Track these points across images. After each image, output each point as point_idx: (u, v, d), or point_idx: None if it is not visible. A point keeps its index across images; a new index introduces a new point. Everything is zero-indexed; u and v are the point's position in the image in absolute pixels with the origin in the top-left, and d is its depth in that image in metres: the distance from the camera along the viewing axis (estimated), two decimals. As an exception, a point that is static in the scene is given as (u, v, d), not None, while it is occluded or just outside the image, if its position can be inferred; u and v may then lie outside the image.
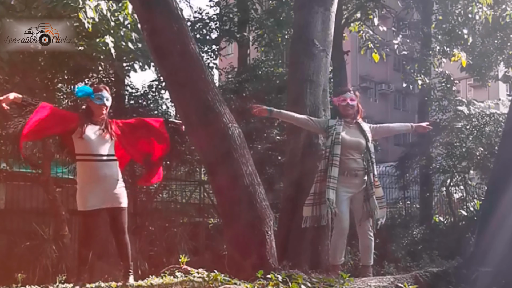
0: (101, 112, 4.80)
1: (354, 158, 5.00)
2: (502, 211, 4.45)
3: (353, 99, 5.13)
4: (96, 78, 9.60)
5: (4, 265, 8.23)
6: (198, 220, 11.64)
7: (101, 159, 4.73)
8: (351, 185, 5.00)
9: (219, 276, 3.77)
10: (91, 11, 6.54)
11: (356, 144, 5.02)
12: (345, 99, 5.12)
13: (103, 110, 4.80)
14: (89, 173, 4.74)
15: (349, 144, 4.98)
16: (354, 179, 5.00)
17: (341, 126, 5.04)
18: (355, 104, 5.14)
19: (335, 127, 5.02)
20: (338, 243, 5.02)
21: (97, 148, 4.73)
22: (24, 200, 9.61)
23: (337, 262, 5.01)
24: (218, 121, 4.70)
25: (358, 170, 5.00)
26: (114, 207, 4.77)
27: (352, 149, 5.00)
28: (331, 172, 4.90)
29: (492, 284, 4.11)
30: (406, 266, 8.94)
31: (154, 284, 4.37)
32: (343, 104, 5.12)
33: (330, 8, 5.92)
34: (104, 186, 4.71)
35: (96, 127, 4.78)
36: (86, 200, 4.68)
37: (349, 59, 16.14)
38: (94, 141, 4.72)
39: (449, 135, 13.25)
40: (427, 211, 13.88)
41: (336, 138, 4.95)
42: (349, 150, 4.99)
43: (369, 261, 5.09)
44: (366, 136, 5.05)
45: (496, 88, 25.49)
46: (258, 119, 10.90)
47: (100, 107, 4.80)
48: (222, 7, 13.34)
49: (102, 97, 4.79)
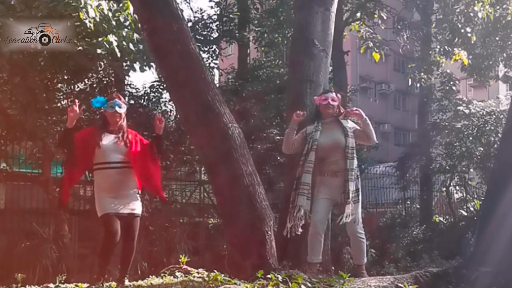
0: (115, 120, 4.84)
1: (334, 159, 4.91)
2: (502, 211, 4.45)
3: (335, 99, 5.07)
4: (96, 78, 9.60)
5: (4, 265, 8.22)
6: (198, 220, 11.64)
7: (115, 166, 4.76)
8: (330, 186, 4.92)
9: (219, 276, 3.77)
10: (92, 10, 6.54)
11: (334, 145, 4.93)
12: (326, 99, 5.06)
13: (117, 118, 4.85)
14: (103, 180, 4.78)
15: (327, 147, 4.92)
16: (334, 180, 4.91)
17: (318, 132, 4.98)
18: (335, 105, 5.08)
19: (312, 134, 4.97)
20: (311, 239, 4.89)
21: (111, 155, 4.77)
22: (24, 200, 9.60)
23: (313, 260, 4.88)
24: (218, 121, 4.71)
25: (337, 171, 4.91)
26: (127, 213, 4.78)
27: (332, 150, 4.92)
28: (304, 179, 4.86)
29: (492, 284, 4.11)
30: (406, 266, 8.95)
31: (154, 284, 4.37)
32: (324, 104, 5.05)
33: (330, 8, 5.92)
34: (118, 193, 4.73)
35: (112, 136, 4.83)
36: (104, 205, 4.71)
37: (349, 59, 16.12)
38: (108, 149, 4.77)
39: (449, 135, 13.27)
40: (427, 211, 13.89)
41: (312, 145, 4.91)
42: (328, 153, 4.92)
43: (361, 260, 5.00)
44: (345, 132, 4.95)
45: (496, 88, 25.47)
46: (258, 119, 10.91)
47: (113, 115, 4.84)
48: (222, 7, 13.32)
49: (114, 105, 4.82)
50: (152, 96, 11.56)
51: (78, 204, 9.65)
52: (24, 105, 8.30)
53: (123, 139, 4.83)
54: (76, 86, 9.45)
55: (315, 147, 4.89)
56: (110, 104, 4.85)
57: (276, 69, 12.60)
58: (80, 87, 9.55)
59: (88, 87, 9.53)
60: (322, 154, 4.92)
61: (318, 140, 4.92)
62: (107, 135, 4.82)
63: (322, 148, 4.91)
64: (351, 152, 4.90)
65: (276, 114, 11.28)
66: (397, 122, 35.06)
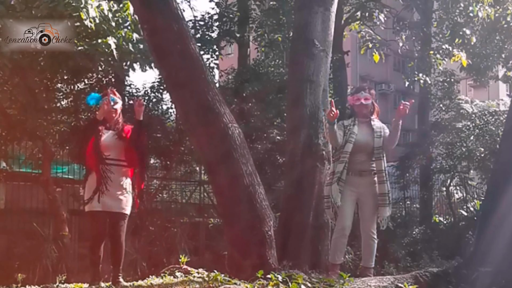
0: (111, 116, 4.90)
1: (361, 159, 4.97)
2: (502, 211, 4.44)
3: (368, 98, 5.08)
4: (96, 78, 9.60)
5: (4, 265, 8.23)
6: (198, 220, 11.64)
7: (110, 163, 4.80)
8: (356, 185, 4.97)
9: (219, 276, 3.77)
10: (93, 10, 6.54)
11: (364, 144, 4.98)
12: (359, 99, 5.08)
13: (113, 113, 4.91)
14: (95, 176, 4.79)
15: (358, 144, 4.95)
16: (359, 179, 4.98)
17: (356, 126, 5.01)
18: (369, 104, 5.09)
19: (350, 127, 5.00)
20: (337, 242, 5.00)
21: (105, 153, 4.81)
22: (24, 200, 9.60)
23: (336, 261, 4.99)
24: (218, 121, 4.70)
25: (363, 171, 4.97)
26: (115, 212, 4.77)
27: (360, 150, 4.97)
28: (336, 168, 4.92)
29: (492, 284, 4.10)
30: (406, 266, 8.94)
31: (154, 284, 4.38)
32: (357, 104, 5.09)
33: (330, 8, 5.91)
34: (109, 191, 4.73)
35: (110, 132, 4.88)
36: (93, 202, 4.74)
37: (349, 59, 16.11)
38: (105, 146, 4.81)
39: (450, 135, 13.27)
40: (427, 211, 13.87)
41: (350, 137, 4.94)
42: (358, 151, 4.96)
43: (370, 263, 5.08)
44: (376, 134, 5.00)
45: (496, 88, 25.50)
46: (258, 119, 10.90)
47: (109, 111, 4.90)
48: (222, 7, 13.32)
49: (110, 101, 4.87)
50: (152, 96, 11.56)
51: (78, 204, 9.65)
52: (24, 105, 8.31)
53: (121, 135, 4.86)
54: (76, 86, 9.45)
55: (353, 139, 4.92)
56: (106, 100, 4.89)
57: (276, 69, 12.58)
58: (80, 87, 9.55)
59: (88, 87, 9.53)
60: (355, 149, 4.93)
61: (357, 134, 4.94)
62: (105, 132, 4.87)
63: (357, 142, 4.94)
64: (378, 152, 4.94)
65: (276, 114, 11.27)
66: (397, 122, 35.02)
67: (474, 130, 12.46)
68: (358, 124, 5.05)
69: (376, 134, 5.00)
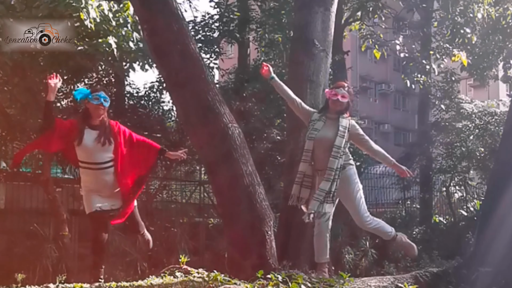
0: (98, 113, 4.66)
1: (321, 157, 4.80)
2: (502, 211, 4.46)
3: (345, 96, 4.94)
4: (96, 78, 9.60)
5: (4, 265, 8.23)
6: (198, 220, 11.64)
7: (100, 167, 4.66)
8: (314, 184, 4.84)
9: (219, 276, 3.77)
10: (93, 10, 6.54)
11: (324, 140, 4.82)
12: (336, 94, 4.93)
13: (101, 111, 4.67)
14: (90, 180, 4.74)
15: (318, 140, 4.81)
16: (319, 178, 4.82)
17: (322, 123, 4.87)
18: (345, 102, 4.94)
19: (314, 122, 4.88)
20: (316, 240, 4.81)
21: (95, 156, 4.64)
22: (24, 200, 9.60)
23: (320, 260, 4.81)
24: (218, 121, 4.71)
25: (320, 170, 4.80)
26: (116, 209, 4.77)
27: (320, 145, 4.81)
28: (300, 167, 4.82)
29: (492, 284, 4.11)
30: (406, 266, 8.95)
31: (154, 284, 4.37)
32: (333, 99, 4.92)
33: (330, 8, 5.92)
34: (105, 192, 4.71)
35: (94, 132, 4.65)
36: (91, 203, 4.68)
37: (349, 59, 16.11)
38: (92, 149, 4.62)
39: (450, 135, 13.27)
40: (427, 211, 13.88)
41: (310, 133, 4.84)
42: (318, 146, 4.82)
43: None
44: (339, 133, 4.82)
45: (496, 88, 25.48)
46: (258, 119, 10.90)
47: (97, 107, 4.65)
48: (222, 7, 13.31)
49: (100, 97, 4.64)
50: (152, 96, 11.56)
51: (78, 204, 9.65)
52: (24, 105, 8.30)
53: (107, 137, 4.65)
54: (76, 86, 9.45)
55: (313, 136, 4.81)
56: (96, 96, 4.66)
57: (276, 69, 12.58)
58: (80, 87, 9.55)
59: (88, 87, 9.53)
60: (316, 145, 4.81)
61: (319, 131, 4.82)
62: (89, 131, 4.64)
63: (317, 138, 4.81)
64: (336, 151, 4.75)
65: (276, 114, 11.27)
66: (397, 122, 35.08)
67: (474, 130, 12.47)
68: (325, 120, 4.89)
69: (340, 132, 4.81)
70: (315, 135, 4.80)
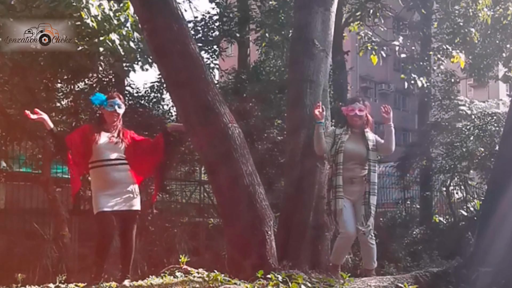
0: (112, 119, 4.87)
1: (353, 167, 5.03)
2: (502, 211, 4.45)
3: (362, 109, 5.14)
4: (96, 78, 9.59)
5: (4, 265, 8.22)
6: (198, 220, 11.64)
7: (111, 164, 4.78)
8: (349, 193, 5.04)
9: (219, 276, 3.77)
10: (94, 9, 6.54)
11: (355, 154, 5.05)
12: (353, 109, 5.13)
13: (115, 117, 4.88)
14: (100, 178, 4.79)
15: (348, 153, 5.02)
16: (350, 187, 5.03)
17: (347, 135, 5.08)
18: (363, 115, 5.14)
19: (340, 136, 5.08)
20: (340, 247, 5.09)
21: (107, 153, 4.78)
22: (24, 200, 9.60)
23: (336, 262, 5.09)
24: (218, 121, 4.70)
25: (354, 178, 5.04)
26: (125, 210, 4.77)
27: (351, 159, 5.03)
28: (336, 181, 5.00)
29: (492, 284, 4.11)
30: (406, 266, 8.95)
31: (154, 284, 4.37)
32: (351, 115, 5.14)
33: (330, 8, 5.92)
34: (115, 190, 4.74)
35: (107, 134, 4.84)
36: (100, 203, 4.71)
37: (349, 59, 16.09)
38: (104, 146, 4.78)
39: (450, 135, 13.26)
40: (427, 211, 13.88)
41: (340, 147, 5.01)
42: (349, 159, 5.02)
43: (372, 264, 5.14)
44: (367, 145, 5.07)
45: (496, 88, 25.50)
46: (258, 119, 10.90)
47: (111, 114, 4.87)
48: (222, 7, 13.31)
49: (114, 104, 4.86)
50: (152, 96, 11.56)
51: (78, 204, 9.65)
52: (24, 105, 8.29)
53: (119, 137, 4.85)
54: (76, 86, 9.46)
55: (343, 148, 5.00)
56: (110, 103, 4.88)
57: (276, 69, 12.58)
58: (80, 87, 9.56)
59: (88, 87, 9.53)
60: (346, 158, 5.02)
61: (345, 143, 5.02)
62: (102, 134, 4.83)
63: (347, 151, 5.01)
64: (373, 165, 5.04)
65: (277, 114, 11.28)
66: (397, 122, 34.96)
67: (474, 130, 12.46)
68: (350, 134, 5.10)
69: (371, 146, 5.06)
70: (344, 147, 5.01)
